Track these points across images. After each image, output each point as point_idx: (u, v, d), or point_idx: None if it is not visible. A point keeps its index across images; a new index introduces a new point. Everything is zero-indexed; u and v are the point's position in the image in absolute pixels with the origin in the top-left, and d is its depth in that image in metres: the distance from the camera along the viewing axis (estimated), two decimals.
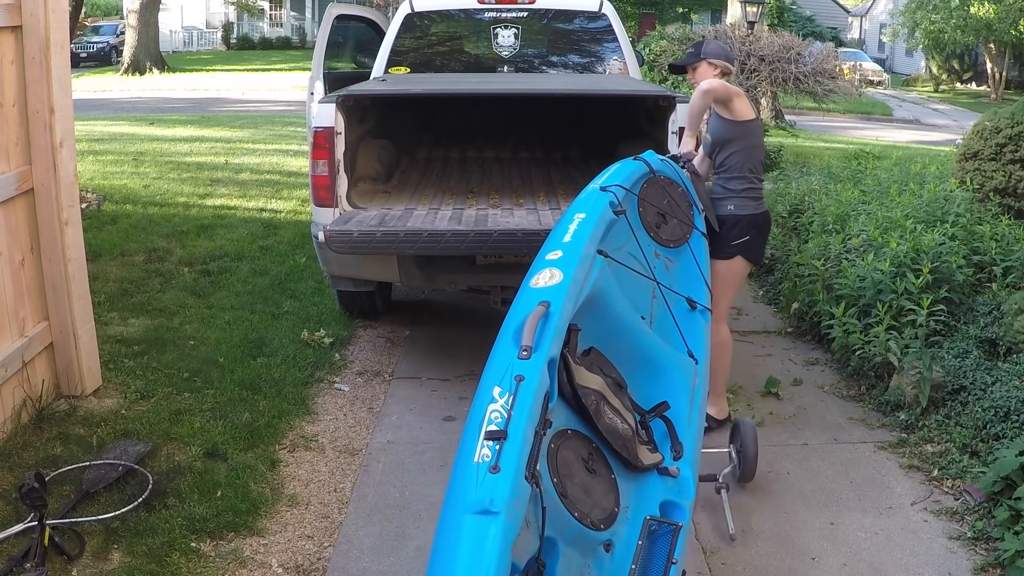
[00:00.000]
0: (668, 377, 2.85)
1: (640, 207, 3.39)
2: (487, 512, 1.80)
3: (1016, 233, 5.15)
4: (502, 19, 6.44)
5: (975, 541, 3.29)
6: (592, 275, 2.61)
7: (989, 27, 26.84)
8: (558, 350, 2.27)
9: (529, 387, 2.05)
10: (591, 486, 2.31)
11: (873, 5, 45.11)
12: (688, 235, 3.53)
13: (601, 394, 2.51)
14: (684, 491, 2.54)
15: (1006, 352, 4.27)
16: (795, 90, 10.60)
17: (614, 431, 2.48)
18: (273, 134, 14.21)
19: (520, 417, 1.98)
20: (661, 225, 3.47)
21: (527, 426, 1.96)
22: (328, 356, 4.92)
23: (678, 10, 32.16)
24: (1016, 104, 5.95)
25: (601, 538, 2.23)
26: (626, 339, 2.80)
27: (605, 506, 2.31)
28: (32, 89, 3.81)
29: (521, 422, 1.97)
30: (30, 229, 3.92)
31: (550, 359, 2.19)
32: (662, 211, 3.50)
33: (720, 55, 4.10)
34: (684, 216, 3.58)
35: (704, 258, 3.57)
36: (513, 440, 1.93)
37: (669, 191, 3.58)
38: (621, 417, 2.53)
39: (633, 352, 2.81)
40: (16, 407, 3.76)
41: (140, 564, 2.97)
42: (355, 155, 4.94)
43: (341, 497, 3.55)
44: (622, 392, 2.64)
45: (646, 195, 3.45)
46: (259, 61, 33.09)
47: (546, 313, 2.30)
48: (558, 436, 2.30)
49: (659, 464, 2.56)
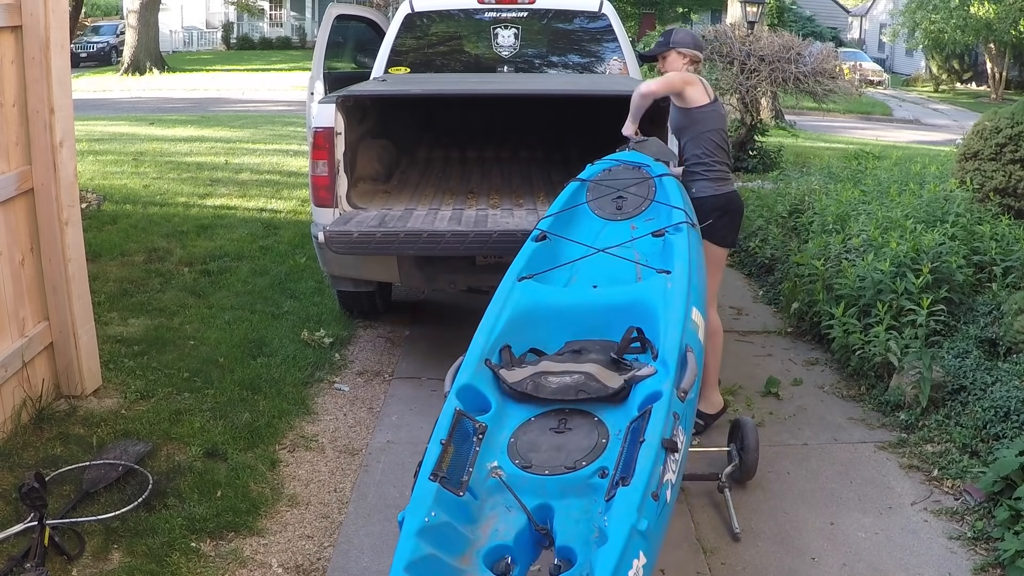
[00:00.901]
0: (641, 306, 3.10)
1: (594, 209, 3.80)
2: (400, 524, 2.28)
3: (1016, 233, 5.15)
4: (502, 19, 6.44)
5: (975, 541, 3.29)
6: (510, 303, 3.17)
7: (989, 27, 26.85)
8: (469, 378, 2.79)
9: (441, 418, 2.62)
10: (564, 443, 2.60)
11: (873, 5, 45.11)
12: (651, 193, 3.82)
13: (540, 373, 2.84)
14: (660, 377, 2.68)
15: (1006, 352, 4.27)
16: (795, 90, 10.61)
17: (563, 388, 2.78)
18: (273, 134, 14.21)
19: (431, 443, 2.51)
20: (622, 205, 3.79)
21: (433, 445, 2.49)
22: (328, 356, 4.92)
23: (678, 10, 32.18)
24: (1016, 104, 5.95)
25: (589, 472, 2.45)
26: (586, 312, 3.16)
27: (585, 446, 2.56)
28: (32, 89, 3.81)
29: (430, 445, 2.50)
30: (30, 229, 3.92)
31: (458, 389, 2.75)
32: (613, 195, 3.84)
33: (689, 44, 4.18)
34: (635, 181, 3.89)
35: (672, 192, 3.79)
36: (424, 461, 2.44)
37: (610, 177, 3.95)
38: (569, 373, 2.83)
39: (601, 314, 3.14)
40: (16, 407, 3.76)
41: (140, 564, 2.97)
42: (355, 155, 4.94)
43: (341, 497, 3.56)
44: (581, 353, 2.95)
45: (591, 196, 3.86)
46: (259, 61, 33.10)
47: (460, 362, 2.90)
48: (520, 429, 2.67)
49: (632, 376, 2.76)
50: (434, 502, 2.30)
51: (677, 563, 3.16)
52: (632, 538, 2.08)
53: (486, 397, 2.76)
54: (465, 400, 2.74)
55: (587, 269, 3.44)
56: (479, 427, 2.62)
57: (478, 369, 2.85)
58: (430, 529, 2.25)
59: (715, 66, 10.65)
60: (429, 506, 2.30)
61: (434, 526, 2.26)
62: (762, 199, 7.67)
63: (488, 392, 2.78)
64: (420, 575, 2.16)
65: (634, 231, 3.62)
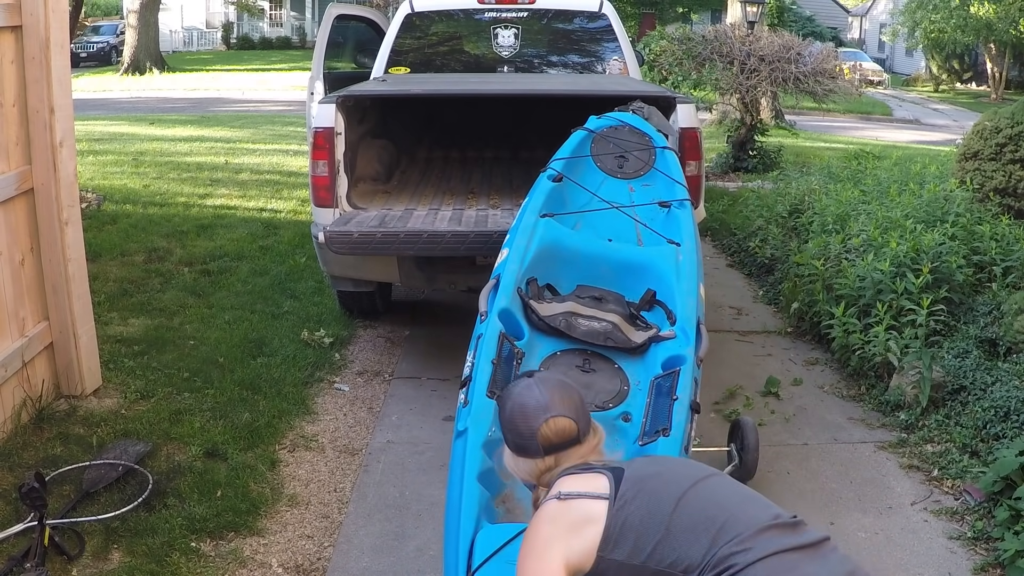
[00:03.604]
0: (652, 269, 3.34)
1: (596, 162, 4.00)
2: (460, 434, 2.43)
3: (1016, 233, 5.15)
4: (502, 19, 6.44)
5: (975, 541, 3.29)
6: (536, 237, 3.35)
7: (989, 27, 26.83)
8: (508, 303, 2.95)
9: (485, 339, 2.75)
10: (591, 382, 2.80)
11: (873, 5, 45.10)
12: (651, 160, 4.03)
13: (570, 313, 3.04)
14: (682, 342, 2.89)
15: (1006, 352, 4.27)
16: (795, 90, 10.59)
17: (593, 332, 2.98)
18: (273, 134, 14.21)
19: (480, 361, 2.64)
20: (623, 164, 4.00)
21: (484, 363, 2.63)
22: (328, 356, 4.92)
23: (678, 10, 32.15)
24: (1016, 104, 5.94)
25: (615, 414, 2.67)
26: (599, 262, 3.39)
27: (611, 389, 2.78)
28: (32, 89, 3.81)
29: (480, 363, 2.63)
30: (30, 229, 3.92)
31: (500, 311, 2.88)
32: (617, 154, 4.04)
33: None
34: (639, 146, 4.08)
35: (672, 165, 3.98)
36: (476, 378, 2.59)
37: (616, 135, 4.14)
38: (598, 320, 3.04)
39: (613, 267, 3.38)
40: (16, 407, 3.76)
41: (140, 564, 2.97)
42: (355, 155, 4.94)
43: (341, 497, 3.56)
44: (602, 302, 3.16)
45: (596, 150, 4.05)
46: (259, 61, 33.09)
47: (496, 284, 3.07)
48: (546, 360, 2.85)
49: (655, 335, 2.98)
50: (493, 418, 2.39)
51: None
52: None
53: (520, 325, 2.94)
54: (505, 324, 2.89)
55: (592, 219, 3.69)
56: (518, 352, 2.76)
57: (512, 296, 3.02)
58: (490, 444, 2.35)
59: (715, 66, 10.64)
60: (490, 421, 2.41)
61: (493, 441, 2.33)
62: (762, 199, 7.66)
63: (520, 320, 2.96)
64: (487, 486, 2.25)
65: (632, 192, 3.86)
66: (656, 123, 4.30)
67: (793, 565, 1.61)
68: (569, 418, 1.91)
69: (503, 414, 1.96)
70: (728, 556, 1.63)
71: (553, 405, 1.90)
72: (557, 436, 1.89)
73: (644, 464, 1.87)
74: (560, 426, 1.89)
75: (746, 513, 1.70)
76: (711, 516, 1.69)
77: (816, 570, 1.62)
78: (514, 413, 1.93)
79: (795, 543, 1.65)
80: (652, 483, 1.76)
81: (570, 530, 1.73)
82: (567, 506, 1.76)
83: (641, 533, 1.69)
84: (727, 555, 1.63)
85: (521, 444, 1.92)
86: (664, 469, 1.84)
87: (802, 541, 1.66)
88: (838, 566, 1.65)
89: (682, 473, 1.80)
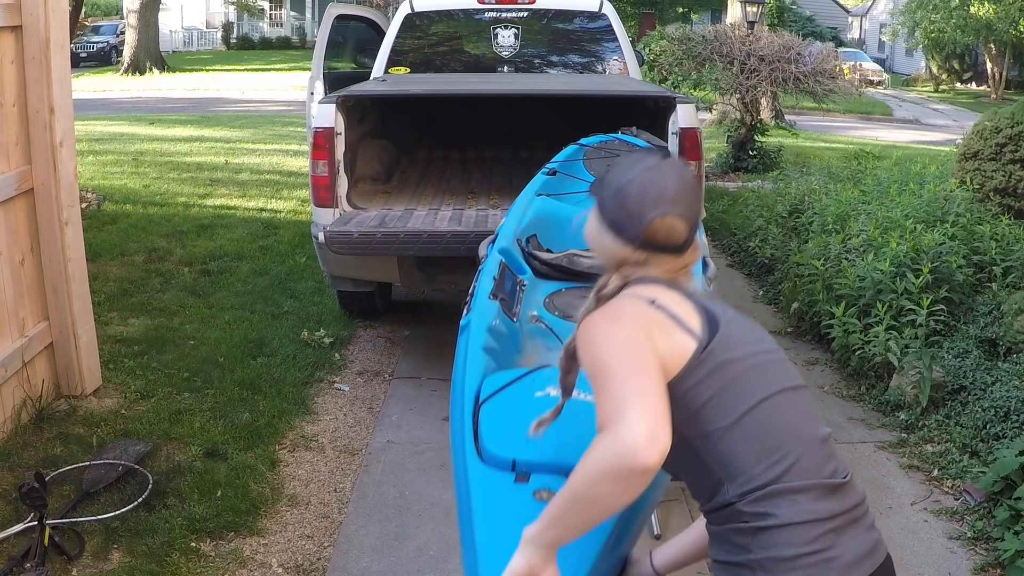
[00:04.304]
0: None
1: (588, 167, 4.18)
2: (464, 328, 2.52)
3: (1016, 233, 5.15)
4: (502, 19, 6.44)
5: (975, 541, 3.29)
6: (531, 208, 3.59)
7: (989, 27, 26.82)
8: (509, 244, 3.11)
9: (486, 267, 2.94)
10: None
11: (873, 5, 45.10)
12: None
13: (572, 255, 3.15)
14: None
15: (1006, 352, 4.27)
16: (795, 90, 10.59)
17: (597, 267, 3.12)
18: (273, 134, 14.21)
19: (481, 281, 2.80)
20: None
21: (485, 279, 2.81)
22: (328, 356, 4.92)
23: (678, 10, 32.15)
24: (1016, 104, 5.94)
25: None
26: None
27: None
28: (32, 89, 3.81)
29: (483, 279, 2.81)
30: (30, 229, 3.92)
31: (500, 249, 3.03)
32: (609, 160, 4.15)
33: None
34: (630, 151, 4.19)
35: None
36: (479, 287, 2.74)
37: (607, 147, 4.34)
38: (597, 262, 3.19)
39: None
40: (16, 407, 3.76)
41: (140, 564, 2.97)
42: (355, 155, 4.94)
43: (341, 497, 3.55)
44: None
45: (589, 156, 4.25)
46: (259, 61, 33.08)
47: (494, 237, 3.26)
48: (551, 295, 2.97)
49: None
50: (495, 316, 2.55)
51: None
52: None
53: (521, 264, 3.06)
54: (507, 259, 3.04)
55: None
56: (519, 281, 2.88)
57: (512, 243, 3.16)
58: (492, 332, 2.44)
59: (715, 66, 10.64)
60: (493, 316, 2.55)
61: (495, 332, 2.44)
62: (762, 199, 7.66)
63: (521, 261, 3.11)
64: (495, 358, 2.34)
65: None
66: (647, 138, 4.45)
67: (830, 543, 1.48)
68: (686, 223, 1.61)
69: (617, 178, 1.64)
70: (771, 497, 1.48)
71: (678, 200, 1.60)
72: (665, 236, 1.60)
73: (736, 329, 1.59)
74: (673, 227, 1.60)
75: (808, 458, 1.54)
76: (779, 442, 1.52)
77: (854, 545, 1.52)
78: (631, 188, 1.61)
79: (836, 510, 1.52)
80: (736, 366, 1.53)
81: (661, 337, 1.47)
82: (659, 317, 1.50)
83: (708, 405, 1.49)
84: (770, 495, 1.48)
85: (621, 223, 1.62)
86: (750, 353, 1.57)
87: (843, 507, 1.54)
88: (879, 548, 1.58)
89: (772, 370, 1.59)
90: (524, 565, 1.43)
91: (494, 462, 1.87)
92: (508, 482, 1.81)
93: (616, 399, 1.36)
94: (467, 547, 1.73)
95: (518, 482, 1.80)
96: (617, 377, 1.38)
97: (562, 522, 1.40)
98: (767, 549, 1.47)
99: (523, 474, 1.82)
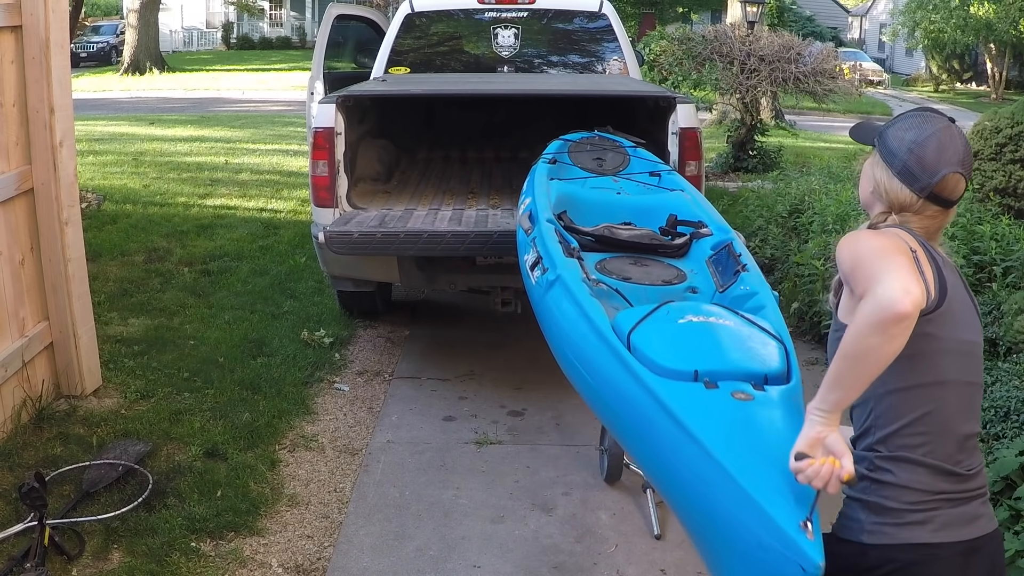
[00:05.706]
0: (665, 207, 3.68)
1: (576, 163, 4.34)
2: (552, 283, 2.74)
3: (1016, 233, 5.15)
4: (502, 19, 6.44)
5: None
6: (553, 191, 3.72)
7: (989, 27, 26.83)
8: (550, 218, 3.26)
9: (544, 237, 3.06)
10: (648, 271, 3.13)
11: (873, 5, 45.10)
12: (627, 158, 4.41)
13: (608, 226, 3.40)
14: (721, 234, 3.27)
15: (1006, 352, 4.27)
16: (795, 90, 10.59)
17: (636, 235, 3.35)
18: (273, 134, 14.21)
19: (546, 245, 2.96)
20: (602, 164, 4.34)
21: (549, 243, 2.96)
22: (328, 356, 4.92)
23: (678, 10, 32.13)
24: (1016, 104, 5.95)
25: (681, 288, 3.00)
26: (614, 209, 3.76)
27: (668, 275, 3.11)
28: (32, 89, 3.81)
29: (546, 245, 2.95)
30: (30, 229, 3.92)
31: (546, 219, 3.21)
32: (594, 155, 4.39)
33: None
34: (612, 148, 4.47)
35: (647, 156, 4.38)
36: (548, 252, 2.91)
37: (590, 143, 4.53)
38: (633, 231, 3.43)
39: (627, 213, 3.70)
40: (16, 407, 3.76)
41: (140, 564, 2.97)
42: (355, 155, 4.94)
43: (341, 497, 3.56)
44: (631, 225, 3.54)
45: (574, 150, 4.43)
46: (259, 61, 33.08)
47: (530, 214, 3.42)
48: (598, 264, 3.12)
49: (695, 232, 3.38)
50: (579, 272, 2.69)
51: (678, 562, 3.16)
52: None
53: (566, 236, 3.15)
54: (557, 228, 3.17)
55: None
56: (573, 249, 2.98)
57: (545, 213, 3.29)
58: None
59: (715, 66, 10.64)
60: (579, 271, 2.71)
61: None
62: (762, 199, 7.66)
63: (565, 234, 3.18)
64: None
65: (617, 183, 4.16)
66: (623, 136, 4.64)
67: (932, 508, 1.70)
68: (966, 183, 1.81)
69: (913, 133, 1.79)
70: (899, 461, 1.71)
71: (965, 162, 1.78)
72: (948, 192, 1.78)
73: (958, 308, 1.76)
74: (958, 184, 1.79)
75: (946, 447, 1.73)
76: (930, 425, 1.72)
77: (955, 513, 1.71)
78: (930, 143, 1.77)
79: (947, 489, 1.71)
80: (941, 343, 1.71)
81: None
82: (910, 263, 1.62)
83: (901, 361, 1.59)
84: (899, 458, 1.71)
85: (913, 172, 1.77)
86: (958, 338, 1.76)
87: (955, 489, 1.72)
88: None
89: (964, 362, 1.77)
90: (814, 432, 1.63)
91: (673, 376, 1.91)
92: (700, 390, 1.86)
93: (872, 272, 1.57)
94: (701, 468, 1.70)
95: (709, 388, 1.85)
96: (873, 259, 1.59)
97: (841, 382, 1.60)
98: (880, 496, 1.74)
99: (710, 381, 1.87)
